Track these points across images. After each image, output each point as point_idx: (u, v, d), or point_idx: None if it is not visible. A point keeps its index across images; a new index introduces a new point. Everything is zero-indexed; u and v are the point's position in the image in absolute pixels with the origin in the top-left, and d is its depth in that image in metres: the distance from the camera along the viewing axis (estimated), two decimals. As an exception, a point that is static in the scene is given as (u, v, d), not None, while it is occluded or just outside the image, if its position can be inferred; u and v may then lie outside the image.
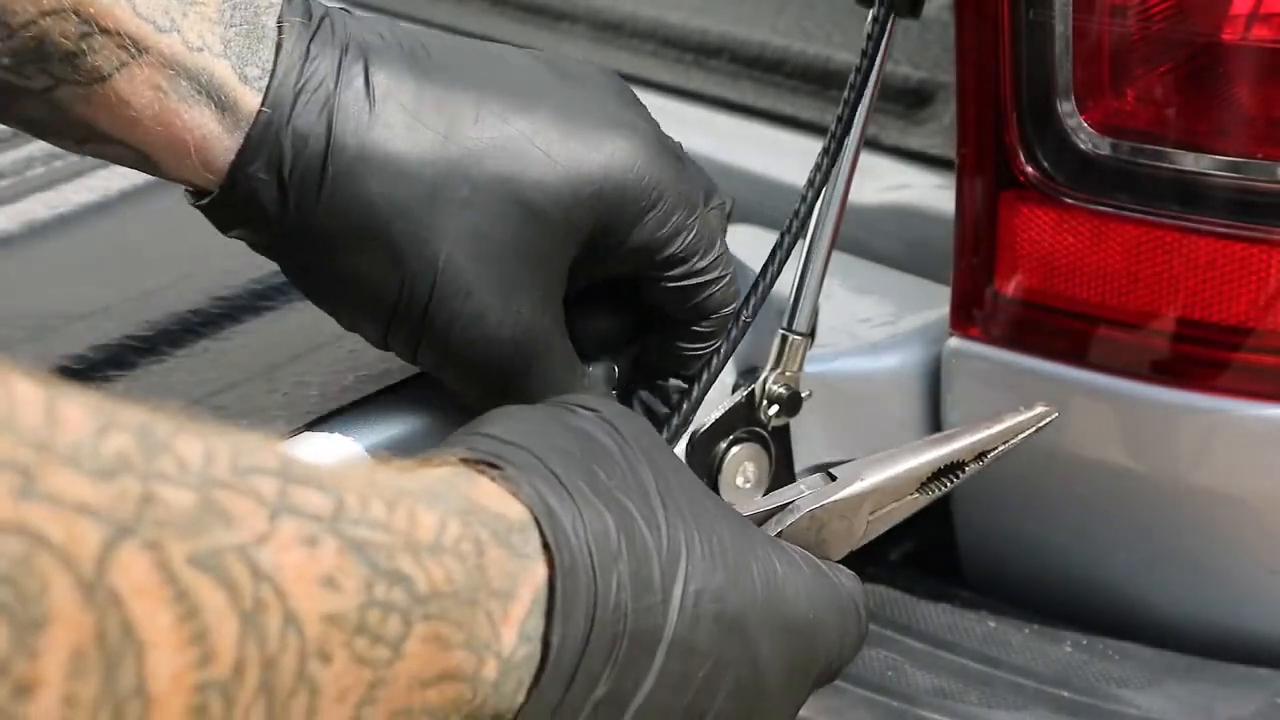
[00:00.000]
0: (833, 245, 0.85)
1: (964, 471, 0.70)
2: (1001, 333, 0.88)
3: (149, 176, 0.77)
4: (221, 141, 0.66)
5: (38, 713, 0.37)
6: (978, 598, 0.93)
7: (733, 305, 0.77)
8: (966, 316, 0.89)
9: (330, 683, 0.46)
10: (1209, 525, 0.87)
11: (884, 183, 1.04)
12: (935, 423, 0.92)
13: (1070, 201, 0.84)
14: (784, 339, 0.85)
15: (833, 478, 0.70)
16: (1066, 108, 0.83)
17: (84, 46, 0.63)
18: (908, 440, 0.93)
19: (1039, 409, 0.71)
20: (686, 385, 0.78)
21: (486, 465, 0.56)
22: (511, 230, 0.68)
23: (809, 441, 0.90)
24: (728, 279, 0.76)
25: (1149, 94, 0.82)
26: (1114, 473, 0.88)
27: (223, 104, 0.65)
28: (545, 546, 0.55)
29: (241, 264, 0.86)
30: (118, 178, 1.02)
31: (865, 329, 0.93)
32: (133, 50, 0.64)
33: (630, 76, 1.22)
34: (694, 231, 0.73)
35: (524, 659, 0.54)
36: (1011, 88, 0.84)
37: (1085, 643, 0.88)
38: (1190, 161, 0.81)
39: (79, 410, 0.40)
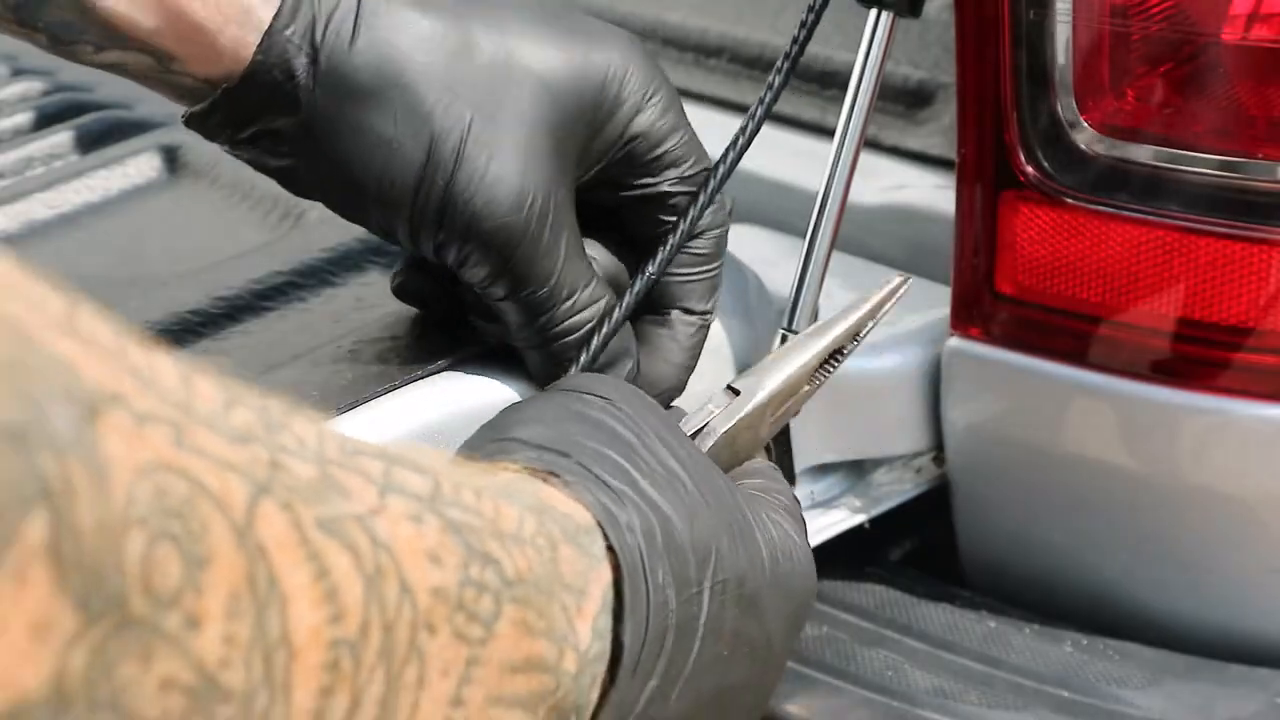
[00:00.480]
0: (833, 245, 0.85)
1: (844, 355, 0.74)
2: (1001, 333, 0.88)
3: (148, 176, 0.76)
4: (258, 13, 0.67)
5: (202, 646, 0.38)
6: (978, 598, 0.93)
7: (724, 228, 0.77)
8: (966, 316, 0.89)
9: (435, 655, 0.47)
10: (1209, 525, 0.87)
11: (884, 183, 1.04)
12: (935, 422, 0.92)
13: (1070, 201, 0.84)
14: (784, 339, 0.85)
15: (736, 393, 0.73)
16: (1066, 107, 0.83)
17: None
18: (907, 440, 0.93)
19: (896, 279, 0.75)
20: (690, 315, 0.77)
21: (547, 474, 0.58)
22: (527, 98, 0.70)
23: (809, 441, 0.90)
24: (718, 203, 0.76)
25: (1149, 94, 0.82)
26: (1114, 473, 0.88)
27: None
28: (609, 549, 0.57)
29: (241, 264, 0.86)
30: (117, 178, 1.02)
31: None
32: None
33: (630, 76, 1.23)
34: (690, 138, 0.75)
35: (597, 655, 0.55)
36: (1011, 88, 0.84)
37: (1085, 643, 0.88)
38: (1190, 161, 0.81)
39: (209, 384, 0.41)
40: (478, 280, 0.72)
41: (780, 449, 0.88)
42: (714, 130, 1.14)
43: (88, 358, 0.37)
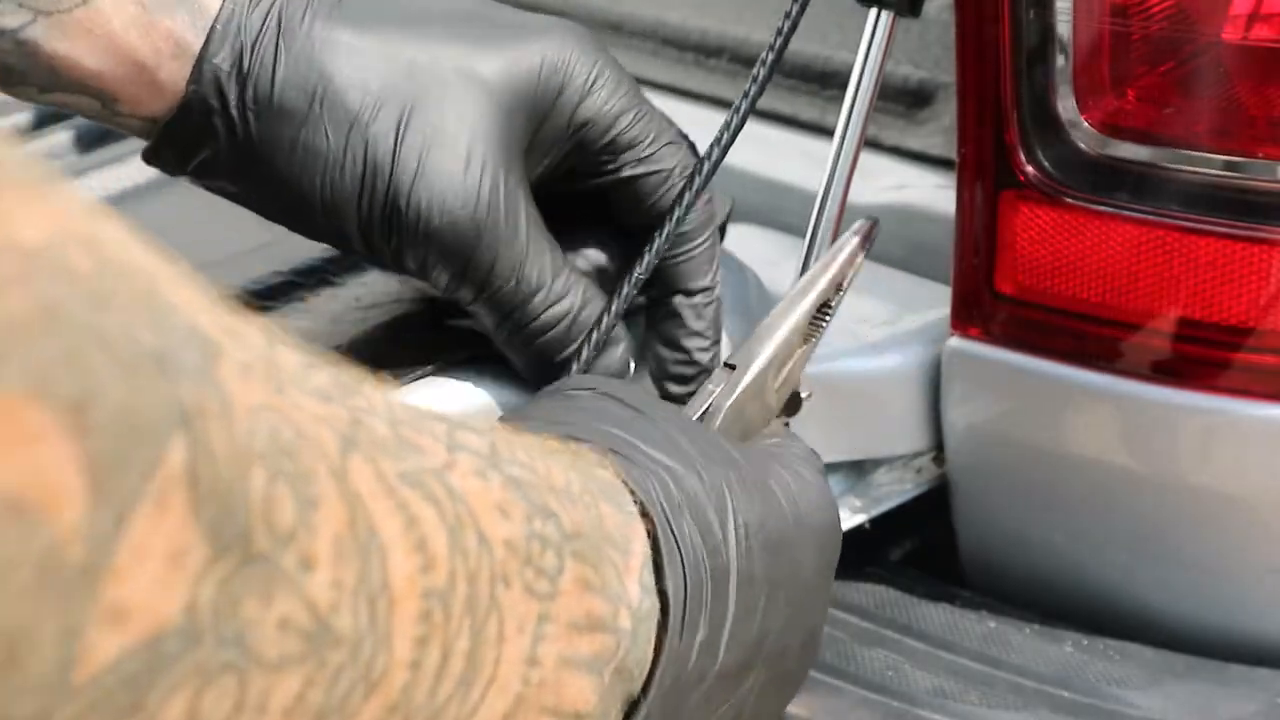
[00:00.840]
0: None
1: (832, 309, 0.73)
2: (1001, 333, 0.88)
3: (148, 176, 0.76)
4: (192, 47, 0.68)
5: (314, 588, 0.39)
6: (978, 598, 0.93)
7: (707, 202, 0.76)
8: (966, 316, 0.89)
9: (510, 609, 0.48)
10: (1209, 525, 0.87)
11: (884, 183, 1.04)
12: (936, 422, 0.92)
13: (1070, 201, 0.84)
14: (784, 339, 0.84)
15: (733, 368, 0.72)
16: (1067, 107, 0.83)
17: None
18: (907, 440, 0.93)
19: (863, 222, 0.75)
20: (692, 296, 0.77)
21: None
22: (461, 97, 0.70)
23: (809, 441, 0.90)
24: (683, 177, 0.75)
25: (1149, 94, 0.82)
26: (1114, 473, 0.88)
27: (193, 9, 0.68)
28: (638, 503, 0.57)
29: (241, 264, 0.86)
30: (117, 178, 1.02)
31: (865, 329, 0.93)
32: None
33: (631, 76, 1.23)
34: (644, 115, 0.74)
35: (648, 611, 0.55)
36: (1011, 88, 0.84)
37: (1085, 643, 0.88)
38: (1190, 161, 0.81)
39: (289, 346, 0.42)
40: (443, 285, 0.72)
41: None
42: (713, 130, 1.14)
43: (197, 309, 0.38)
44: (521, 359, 0.74)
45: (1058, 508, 0.91)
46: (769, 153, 1.10)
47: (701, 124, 1.14)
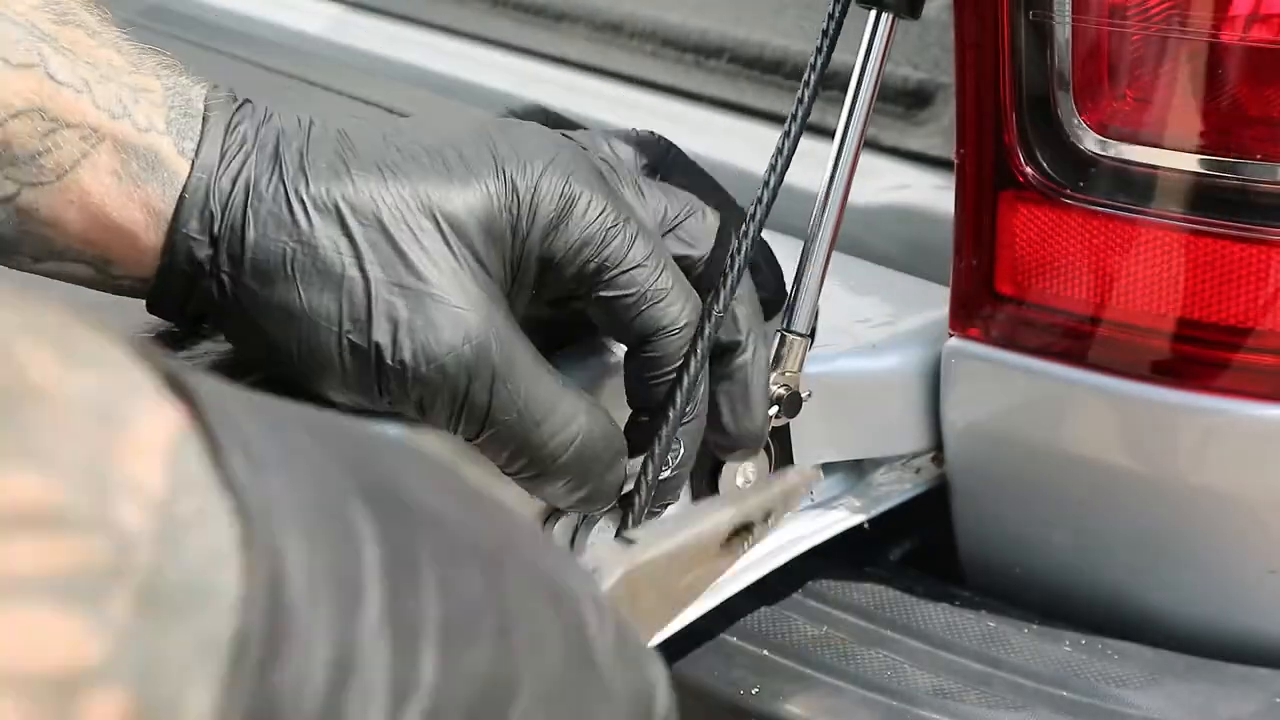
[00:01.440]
0: (833, 246, 0.85)
1: (753, 534, 0.66)
2: (1001, 333, 0.88)
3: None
4: (165, 215, 0.69)
5: None
6: (977, 598, 0.93)
7: (679, 326, 0.74)
8: (966, 317, 0.89)
9: None
10: (1209, 525, 0.87)
11: (883, 183, 1.04)
12: (935, 423, 0.92)
13: (1070, 201, 0.84)
14: (784, 339, 0.85)
15: (631, 542, 0.64)
16: (1066, 108, 0.83)
17: (48, 144, 0.67)
18: (907, 440, 0.93)
19: (809, 469, 0.70)
20: (649, 418, 0.75)
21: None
22: (432, 238, 0.70)
23: (809, 441, 0.90)
24: (665, 297, 0.73)
25: (1149, 94, 0.82)
26: (1113, 473, 0.88)
27: (165, 179, 0.69)
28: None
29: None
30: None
31: (865, 329, 0.93)
32: (93, 140, 0.68)
33: (630, 77, 1.23)
34: (615, 238, 0.72)
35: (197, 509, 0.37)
36: (1011, 88, 0.84)
37: (1085, 643, 0.88)
38: (1190, 162, 0.81)
39: None
40: (443, 423, 0.71)
41: (780, 449, 0.88)
42: (714, 131, 1.14)
43: None
44: (536, 492, 0.74)
45: (1057, 508, 0.91)
46: (769, 153, 1.10)
47: (702, 125, 1.14)
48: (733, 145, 1.12)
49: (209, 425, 0.37)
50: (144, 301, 0.73)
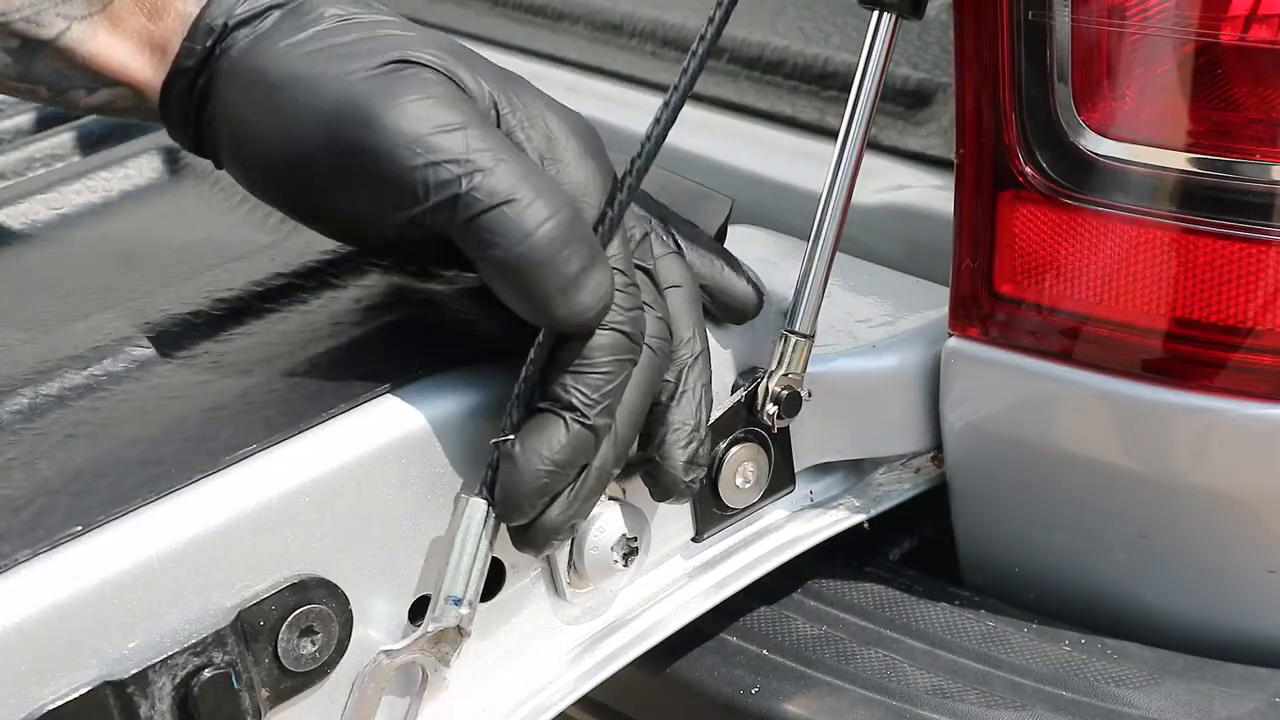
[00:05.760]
0: (836, 246, 0.85)
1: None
2: (1000, 333, 0.88)
3: (149, 178, 0.77)
4: (192, 18, 0.76)
5: None
6: (977, 597, 0.93)
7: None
8: (965, 317, 0.89)
9: None
10: (1207, 525, 0.87)
11: (883, 183, 1.04)
12: (935, 423, 0.92)
13: (1069, 202, 0.84)
14: (787, 340, 0.85)
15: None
16: (1065, 108, 0.83)
17: None
18: (907, 440, 0.93)
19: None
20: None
21: None
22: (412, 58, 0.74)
23: (809, 441, 0.90)
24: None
25: (1148, 94, 0.82)
26: (1112, 473, 0.88)
27: None
28: None
29: (241, 265, 0.87)
30: (118, 179, 1.02)
31: (865, 329, 0.93)
32: None
33: (630, 77, 1.23)
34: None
35: None
36: (1011, 88, 0.84)
37: (1084, 642, 0.88)
38: (1189, 162, 0.81)
39: None
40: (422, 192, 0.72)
41: (780, 449, 0.88)
42: (714, 131, 1.14)
43: None
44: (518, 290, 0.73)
45: (1056, 508, 0.91)
46: (769, 153, 1.11)
47: (702, 124, 1.15)
48: (733, 145, 1.12)
49: None
50: None
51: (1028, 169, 0.84)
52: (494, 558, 0.76)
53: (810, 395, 0.86)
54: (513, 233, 0.71)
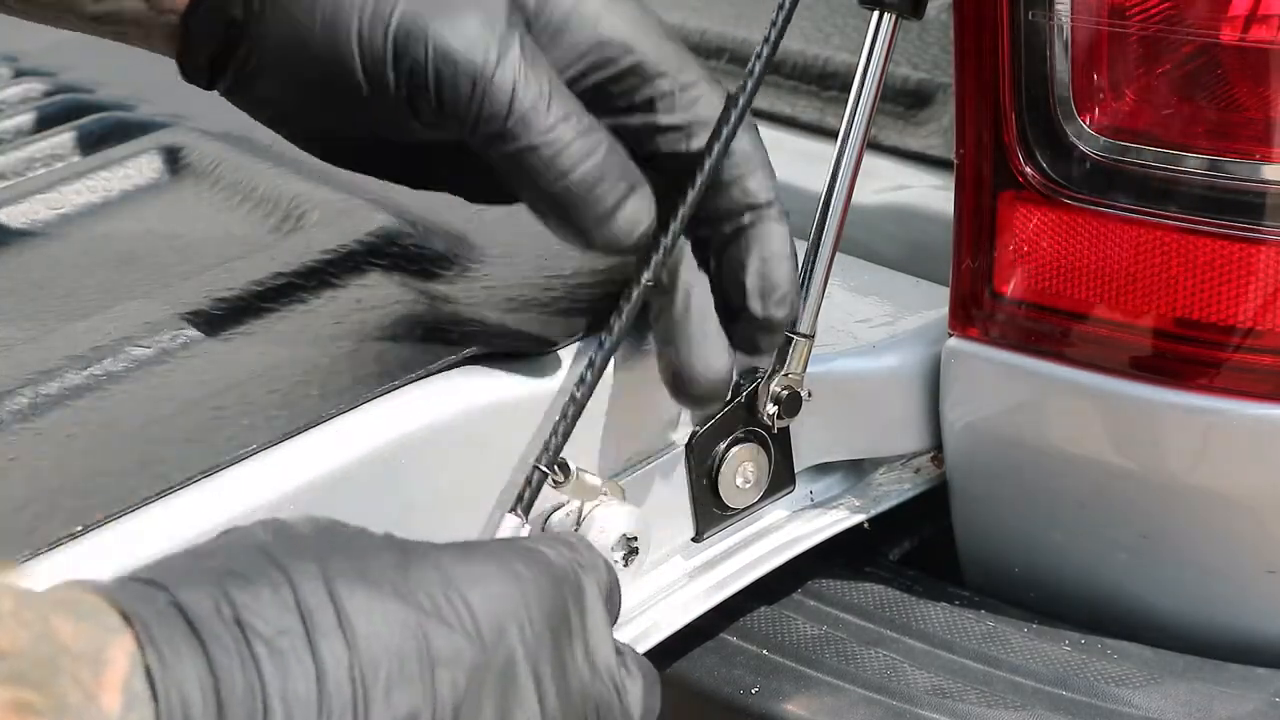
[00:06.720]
0: (836, 246, 0.85)
1: None
2: (1000, 333, 0.88)
3: (149, 178, 0.77)
4: None
5: None
6: (977, 598, 0.93)
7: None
8: (965, 317, 0.89)
9: None
10: (1207, 525, 0.87)
11: (883, 183, 1.04)
12: (935, 423, 0.92)
13: (1069, 202, 0.84)
14: (788, 340, 0.85)
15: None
16: (1065, 108, 0.83)
17: None
18: (907, 440, 0.93)
19: None
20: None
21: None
22: None
23: (809, 441, 0.90)
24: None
25: (1148, 94, 0.82)
26: (1112, 473, 0.88)
27: None
28: (121, 614, 0.54)
29: (241, 265, 0.87)
30: (118, 179, 1.03)
31: (865, 329, 0.93)
32: None
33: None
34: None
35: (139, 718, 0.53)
36: (1011, 88, 0.84)
37: (1084, 642, 0.88)
38: (1189, 162, 0.81)
39: None
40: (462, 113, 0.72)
41: (780, 449, 0.88)
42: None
43: None
44: (550, 206, 0.74)
45: (1056, 507, 0.91)
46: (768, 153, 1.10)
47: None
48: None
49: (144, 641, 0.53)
50: None
51: (1028, 169, 0.84)
52: None
53: (810, 395, 0.86)
54: (549, 171, 0.73)
